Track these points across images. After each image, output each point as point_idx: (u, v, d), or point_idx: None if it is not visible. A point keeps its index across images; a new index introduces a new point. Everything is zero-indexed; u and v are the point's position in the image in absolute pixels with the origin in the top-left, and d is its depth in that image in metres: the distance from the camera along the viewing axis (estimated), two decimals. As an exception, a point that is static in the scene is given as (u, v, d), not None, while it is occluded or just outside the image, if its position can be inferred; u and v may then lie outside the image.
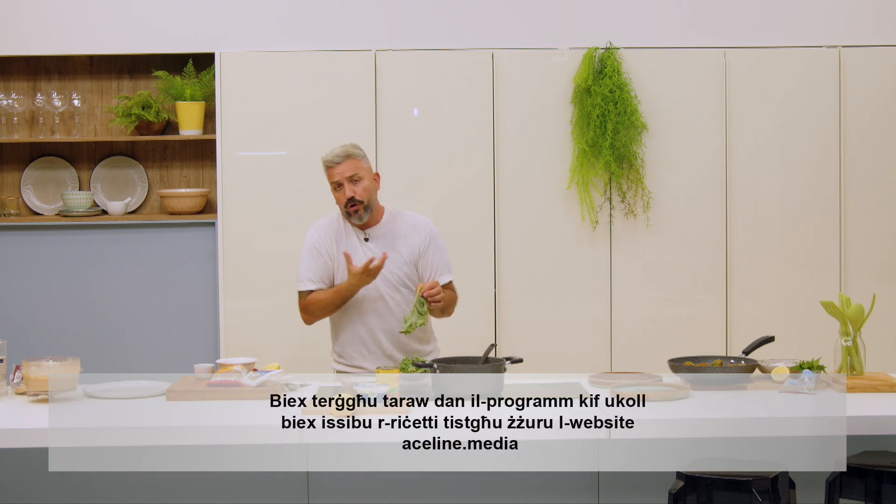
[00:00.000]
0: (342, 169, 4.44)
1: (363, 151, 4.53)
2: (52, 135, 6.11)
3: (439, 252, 4.55)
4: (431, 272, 4.52)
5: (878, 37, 5.89)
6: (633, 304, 5.86)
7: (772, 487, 3.42)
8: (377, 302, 4.48)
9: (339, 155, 4.46)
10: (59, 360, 3.95)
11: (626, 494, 3.93)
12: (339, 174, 4.45)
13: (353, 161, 4.45)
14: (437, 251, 4.55)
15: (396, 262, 4.49)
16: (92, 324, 5.95)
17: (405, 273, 4.51)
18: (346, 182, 4.44)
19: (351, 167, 4.44)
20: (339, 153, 4.47)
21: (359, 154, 4.49)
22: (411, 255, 4.52)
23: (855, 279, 5.86)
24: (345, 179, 4.44)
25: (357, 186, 4.44)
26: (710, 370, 4.08)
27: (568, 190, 5.83)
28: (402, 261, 4.50)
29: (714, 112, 5.84)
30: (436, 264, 4.53)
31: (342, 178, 4.44)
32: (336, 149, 4.50)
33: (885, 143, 5.88)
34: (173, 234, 5.98)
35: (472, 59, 5.82)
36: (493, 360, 4.11)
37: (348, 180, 4.44)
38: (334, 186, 4.48)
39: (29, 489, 3.91)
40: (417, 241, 4.53)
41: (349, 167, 4.44)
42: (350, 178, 4.44)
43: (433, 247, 4.54)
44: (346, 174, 4.44)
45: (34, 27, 5.86)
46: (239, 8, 5.86)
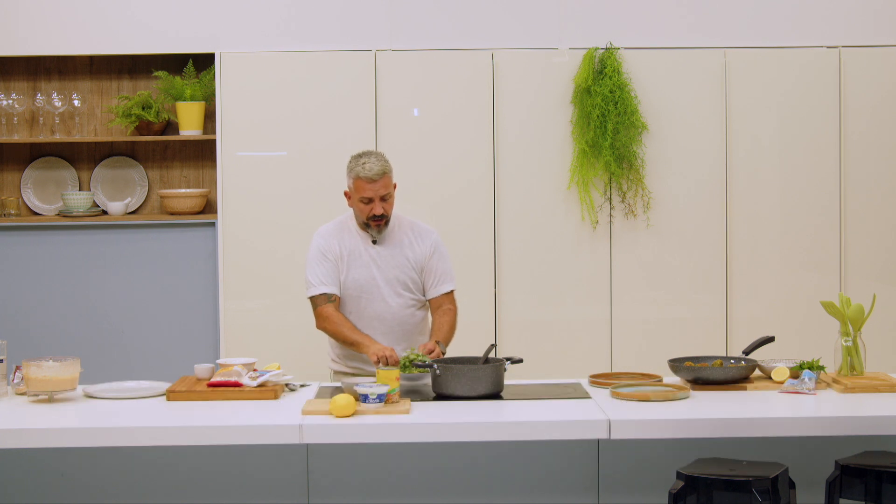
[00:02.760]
0: (377, 187, 4.35)
1: (390, 162, 4.45)
2: (53, 135, 6.11)
3: (443, 260, 4.54)
4: (435, 279, 4.51)
5: (878, 37, 5.89)
6: (633, 304, 5.86)
7: (772, 487, 3.42)
8: (379, 304, 4.48)
9: (378, 173, 4.34)
10: (59, 360, 3.95)
11: (626, 494, 3.93)
12: (374, 191, 4.35)
13: (387, 178, 4.37)
14: (441, 259, 4.53)
15: (401, 267, 4.49)
16: (92, 324, 5.95)
17: (410, 277, 4.50)
18: (377, 200, 4.37)
19: (385, 185, 4.36)
20: (377, 171, 4.34)
21: (390, 169, 4.41)
22: (416, 262, 4.51)
23: (855, 279, 5.86)
24: (377, 197, 4.36)
25: (387, 204, 4.40)
26: (710, 370, 4.08)
27: (568, 190, 5.83)
28: (408, 266, 4.50)
29: (714, 112, 5.84)
30: (440, 272, 4.51)
31: (375, 196, 4.36)
32: (371, 162, 4.37)
33: (885, 143, 5.88)
34: (173, 234, 5.98)
35: (472, 59, 5.82)
36: (493, 360, 4.11)
37: (380, 199, 4.37)
38: (362, 199, 4.38)
39: (29, 489, 3.91)
40: (423, 248, 4.51)
41: (383, 185, 4.36)
42: (382, 197, 4.37)
43: (437, 255, 4.53)
44: (381, 193, 4.36)
45: (34, 27, 5.86)
46: (239, 8, 5.86)
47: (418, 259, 4.50)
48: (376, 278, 4.46)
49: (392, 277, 4.46)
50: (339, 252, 4.47)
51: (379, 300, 4.47)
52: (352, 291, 4.47)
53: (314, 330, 4.53)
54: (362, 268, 4.45)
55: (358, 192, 4.38)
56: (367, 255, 4.47)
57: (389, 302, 4.47)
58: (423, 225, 4.60)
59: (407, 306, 4.50)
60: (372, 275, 4.46)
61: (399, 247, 4.49)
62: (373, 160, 4.37)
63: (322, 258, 4.46)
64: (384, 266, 4.46)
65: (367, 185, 4.35)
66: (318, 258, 4.47)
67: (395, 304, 4.48)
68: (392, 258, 4.47)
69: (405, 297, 4.49)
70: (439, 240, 4.57)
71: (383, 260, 4.47)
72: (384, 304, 4.47)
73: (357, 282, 4.45)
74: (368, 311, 4.47)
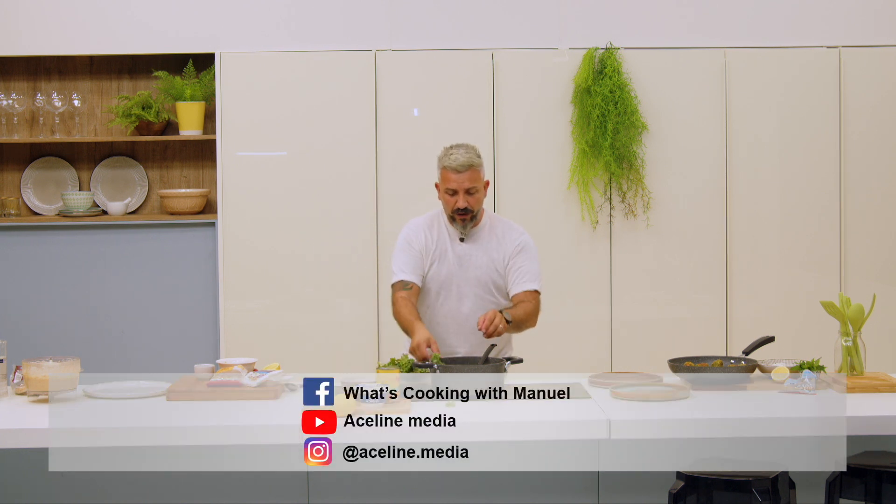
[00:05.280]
0: (462, 179, 4.30)
1: (482, 158, 4.38)
2: (52, 135, 6.11)
3: (529, 260, 4.43)
4: (517, 276, 4.41)
5: (878, 37, 5.89)
6: (633, 304, 5.86)
7: (772, 487, 3.42)
8: (454, 303, 4.42)
9: (464, 164, 4.29)
10: (59, 360, 3.94)
11: (626, 494, 3.93)
12: (458, 183, 4.30)
13: (474, 172, 4.31)
14: (527, 259, 4.43)
15: (484, 267, 4.42)
16: (92, 324, 5.95)
17: (491, 279, 4.43)
18: (462, 192, 4.32)
19: (471, 178, 4.30)
20: (463, 161, 4.29)
21: (479, 163, 4.35)
22: (500, 262, 4.43)
23: (855, 279, 5.86)
24: (462, 189, 4.31)
25: (472, 198, 4.33)
26: (710, 370, 4.08)
27: (568, 190, 5.83)
28: (492, 267, 4.42)
29: (714, 112, 5.84)
30: (523, 270, 4.41)
31: (459, 188, 4.31)
32: (458, 153, 4.33)
33: (885, 143, 5.88)
34: (173, 234, 5.98)
35: (472, 59, 5.82)
36: (493, 360, 4.11)
37: (465, 192, 4.32)
38: (447, 190, 4.34)
39: (29, 489, 3.91)
40: (508, 247, 4.44)
41: (469, 178, 4.30)
42: (467, 190, 4.32)
43: (523, 254, 4.43)
44: (465, 185, 4.30)
45: (34, 27, 5.86)
46: (239, 8, 5.86)
47: (503, 258, 4.43)
48: (457, 277, 4.41)
49: (472, 277, 4.41)
50: (426, 244, 4.42)
51: (456, 299, 4.42)
52: (432, 286, 4.42)
53: (314, 330, 4.52)
54: (445, 264, 4.41)
55: (444, 182, 4.34)
56: (453, 252, 4.42)
57: (466, 303, 4.42)
58: (516, 225, 4.52)
59: (484, 310, 4.37)
60: (453, 273, 4.41)
61: (486, 247, 4.43)
62: (461, 151, 4.33)
63: (407, 247, 4.42)
64: (467, 265, 4.41)
65: (453, 176, 4.30)
66: (403, 247, 4.43)
67: (470, 306, 4.41)
68: (476, 258, 4.42)
69: (484, 300, 4.42)
70: (528, 240, 4.48)
71: (468, 259, 4.42)
72: (460, 303, 4.42)
73: (438, 277, 4.41)
74: (444, 308, 4.43)
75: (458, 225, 4.39)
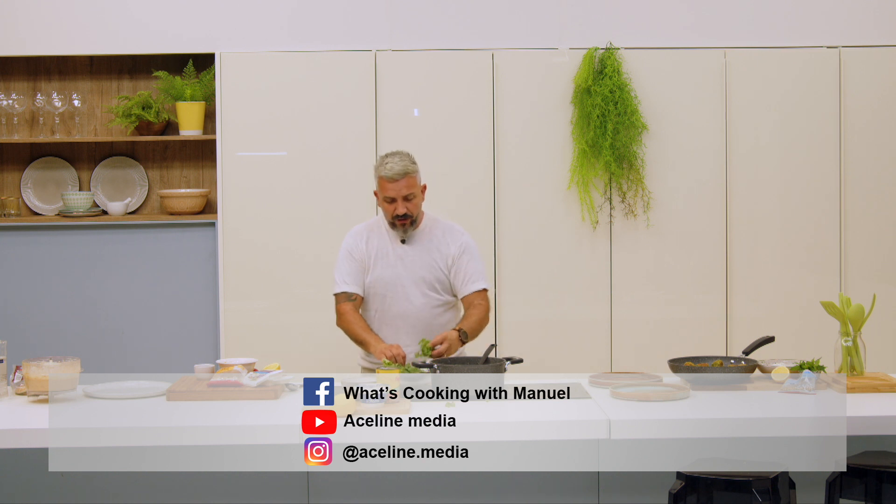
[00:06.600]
0: (398, 187, 4.40)
1: (416, 164, 4.48)
2: (52, 135, 6.11)
3: (473, 261, 4.55)
4: (464, 278, 4.53)
5: (878, 37, 5.89)
6: (633, 304, 5.87)
7: (772, 487, 3.42)
8: (403, 303, 4.51)
9: (399, 173, 4.39)
10: (59, 360, 3.95)
11: (626, 494, 3.93)
12: (395, 191, 4.41)
13: (409, 179, 4.41)
14: (471, 259, 4.55)
15: (428, 267, 4.52)
16: (92, 324, 5.95)
17: (436, 278, 4.53)
18: (400, 199, 4.42)
19: (407, 185, 4.41)
20: (398, 170, 4.40)
21: (414, 170, 4.44)
22: (444, 261, 4.53)
23: (855, 279, 5.86)
24: (400, 197, 4.41)
25: (410, 204, 4.44)
26: (710, 370, 4.08)
27: (568, 190, 5.83)
28: (436, 266, 4.53)
29: (714, 112, 5.85)
30: (469, 271, 4.53)
31: (397, 195, 4.41)
32: (393, 162, 4.43)
33: (885, 143, 5.88)
34: (173, 234, 5.98)
35: (472, 59, 5.82)
36: (493, 360, 4.11)
37: (403, 198, 4.42)
38: (385, 199, 4.44)
39: (29, 489, 3.91)
40: (452, 248, 4.54)
41: (406, 185, 4.40)
42: (405, 197, 4.42)
43: (466, 255, 4.54)
44: (402, 193, 4.41)
45: (34, 27, 5.86)
46: (239, 8, 5.86)
47: (446, 259, 4.53)
48: (402, 277, 4.50)
49: (418, 277, 4.50)
50: (366, 251, 4.53)
51: (403, 299, 4.51)
52: (378, 290, 4.52)
53: (314, 330, 4.53)
54: (388, 267, 4.51)
55: (382, 191, 4.44)
56: (395, 254, 4.51)
57: (414, 301, 4.51)
58: (457, 226, 4.63)
59: (432, 306, 4.52)
60: (398, 273, 4.50)
61: (428, 247, 4.53)
62: (395, 160, 4.42)
63: (348, 257, 4.54)
64: (411, 265, 4.51)
65: (389, 185, 4.40)
66: (344, 256, 4.55)
67: (419, 304, 4.51)
68: (419, 258, 4.51)
69: (431, 297, 4.52)
70: (469, 241, 4.59)
71: (410, 259, 4.51)
72: (408, 303, 4.51)
73: (382, 280, 4.50)
74: (393, 309, 4.51)
75: (399, 230, 4.50)
